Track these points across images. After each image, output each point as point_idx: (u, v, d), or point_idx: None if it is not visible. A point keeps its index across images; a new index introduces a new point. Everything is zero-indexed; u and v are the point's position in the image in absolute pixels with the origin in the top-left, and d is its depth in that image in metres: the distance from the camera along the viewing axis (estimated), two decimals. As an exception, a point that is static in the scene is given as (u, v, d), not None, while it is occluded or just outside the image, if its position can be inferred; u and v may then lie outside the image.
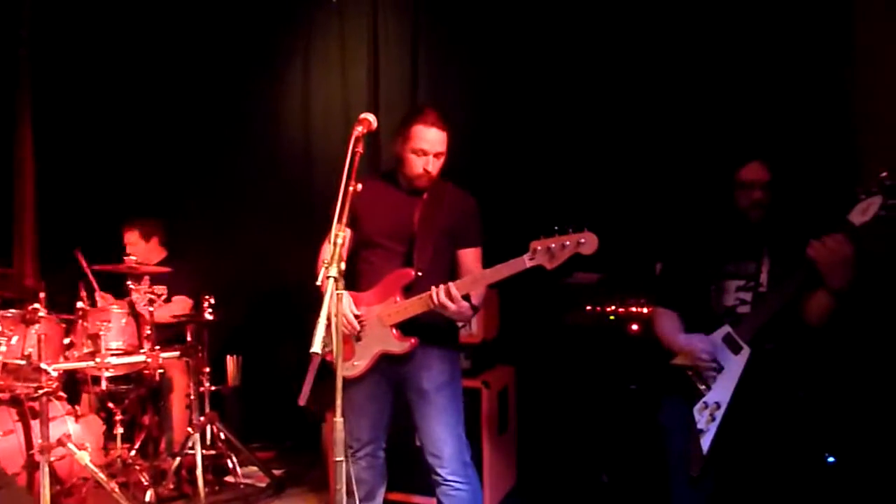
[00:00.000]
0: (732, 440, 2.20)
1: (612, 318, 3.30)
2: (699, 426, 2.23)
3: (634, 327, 3.23)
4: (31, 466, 3.18)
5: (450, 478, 2.43)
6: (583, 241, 2.14)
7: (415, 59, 4.30)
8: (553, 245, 2.16)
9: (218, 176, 4.72)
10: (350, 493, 2.45)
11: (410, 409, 2.47)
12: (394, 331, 2.38)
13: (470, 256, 2.52)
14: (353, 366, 2.43)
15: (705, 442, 2.21)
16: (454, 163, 2.53)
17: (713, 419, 2.21)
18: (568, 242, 2.15)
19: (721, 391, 2.23)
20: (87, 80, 4.78)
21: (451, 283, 2.27)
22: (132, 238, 4.10)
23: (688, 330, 2.39)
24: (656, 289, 2.61)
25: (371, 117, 2.22)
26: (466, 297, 2.31)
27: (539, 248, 2.17)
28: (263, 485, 3.79)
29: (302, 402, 2.19)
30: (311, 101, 4.62)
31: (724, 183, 2.38)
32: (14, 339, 3.39)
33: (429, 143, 2.41)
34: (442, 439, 2.42)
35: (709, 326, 2.31)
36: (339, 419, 1.96)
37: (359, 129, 2.17)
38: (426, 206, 2.47)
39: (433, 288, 2.27)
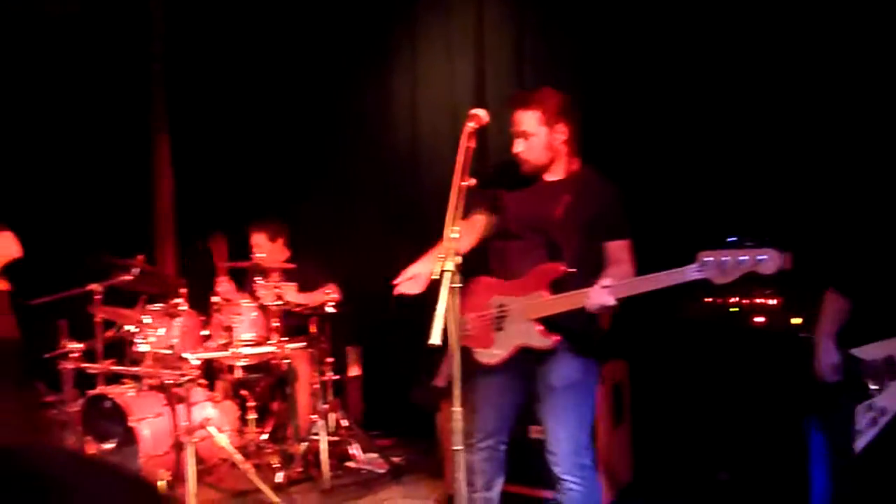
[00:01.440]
0: (888, 450, 2.07)
1: (734, 309, 3.16)
2: (858, 426, 2.10)
3: (759, 319, 3.08)
4: (178, 447, 3.48)
5: (563, 476, 2.38)
6: (762, 257, 1.91)
7: (520, 51, 4.28)
8: (727, 259, 1.95)
9: (333, 176, 4.90)
10: (469, 483, 2.52)
11: (538, 403, 2.44)
12: (538, 326, 2.31)
13: (619, 249, 2.38)
14: (492, 354, 2.40)
15: (859, 443, 2.07)
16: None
17: (875, 423, 2.07)
18: (745, 258, 1.92)
19: (892, 398, 2.09)
20: (215, 92, 5.12)
21: (608, 286, 2.14)
22: (259, 240, 4.31)
23: (859, 324, 2.24)
24: (836, 271, 2.44)
25: (482, 112, 2.24)
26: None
27: (709, 260, 1.97)
28: (382, 471, 3.94)
29: (441, 382, 2.24)
30: (418, 99, 4.70)
31: None
32: (160, 331, 3.72)
33: (515, 125, 2.39)
34: (559, 438, 2.38)
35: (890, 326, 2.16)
36: (457, 409, 2.02)
37: (470, 125, 2.19)
38: (571, 197, 2.37)
39: (593, 288, 2.15)
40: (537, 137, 2.39)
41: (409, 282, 2.43)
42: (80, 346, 3.78)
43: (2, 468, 0.43)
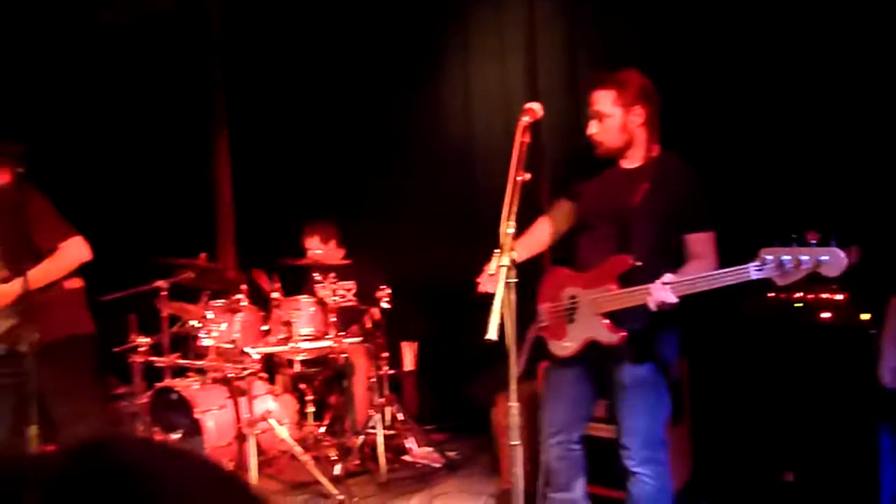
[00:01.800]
0: None
1: (798, 305, 3.06)
2: None
3: (825, 315, 2.98)
4: (241, 438, 3.59)
5: (636, 469, 2.35)
6: (825, 258, 1.80)
7: (573, 45, 4.25)
8: (787, 258, 1.84)
9: (388, 174, 4.95)
10: (545, 482, 2.53)
11: (610, 398, 2.42)
12: (605, 320, 2.27)
13: (700, 242, 2.29)
14: (563, 347, 2.39)
15: None
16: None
17: None
18: (806, 258, 1.82)
19: None
20: (272, 94, 5.24)
21: (669, 283, 2.09)
22: (312, 243, 4.40)
23: None
24: None
25: (536, 106, 2.23)
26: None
27: (769, 259, 1.88)
28: (438, 465, 3.98)
29: (521, 368, 2.26)
30: (471, 95, 4.72)
31: None
32: (223, 326, 3.84)
33: (590, 105, 2.35)
34: (632, 432, 2.35)
35: None
36: (514, 404, 2.03)
37: (525, 120, 2.19)
38: (649, 187, 2.28)
39: (653, 284, 2.10)
40: (612, 119, 2.33)
41: (491, 280, 2.42)
42: (148, 340, 3.94)
43: (93, 461, 0.45)
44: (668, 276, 2.11)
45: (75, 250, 2.91)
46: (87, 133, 5.56)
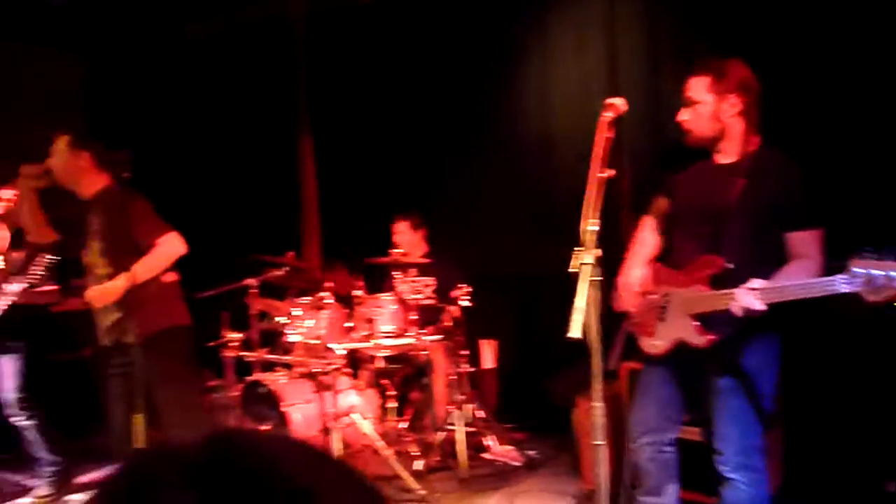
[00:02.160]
0: None
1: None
2: None
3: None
4: (326, 431, 3.71)
5: (729, 475, 2.27)
6: None
7: (655, 38, 4.15)
8: (878, 273, 1.73)
9: (467, 171, 4.97)
10: (633, 484, 2.50)
11: (703, 400, 2.35)
12: (694, 322, 2.22)
13: (803, 241, 2.17)
14: (653, 345, 2.36)
15: None
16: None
17: None
18: None
19: None
20: (354, 93, 5.36)
21: (756, 288, 2.02)
22: (402, 227, 4.45)
23: None
24: None
25: (619, 101, 2.20)
26: None
27: (859, 272, 1.76)
28: (518, 463, 3.97)
29: (614, 365, 2.25)
30: (549, 91, 4.68)
31: None
32: (309, 323, 3.98)
33: (684, 92, 2.28)
34: (726, 436, 2.27)
35: None
36: (598, 404, 2.01)
37: (608, 115, 2.16)
38: (747, 184, 2.19)
39: (739, 289, 2.04)
40: (703, 106, 2.25)
41: (625, 296, 2.41)
42: (239, 335, 4.13)
43: (227, 455, 0.47)
44: (755, 282, 2.02)
45: (172, 245, 3.09)
46: (184, 139, 5.89)
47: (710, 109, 2.24)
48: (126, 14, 5.63)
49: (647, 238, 2.54)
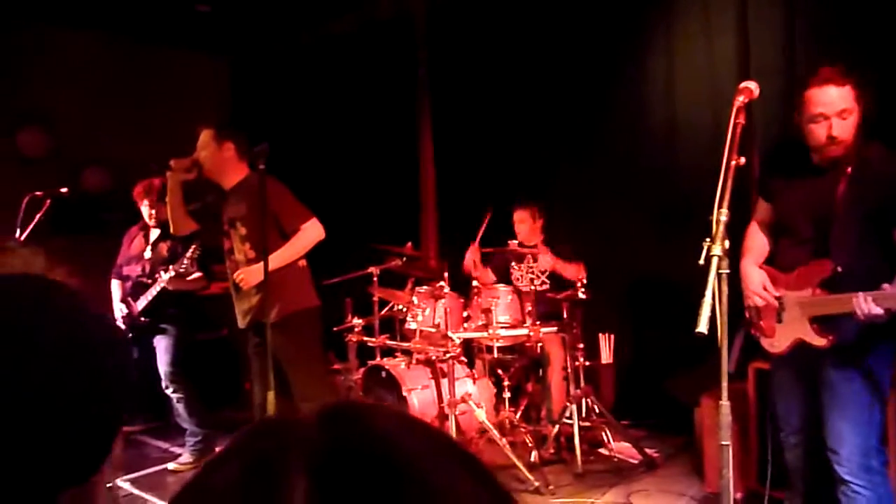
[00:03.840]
0: None
1: None
2: None
3: None
4: (442, 417, 3.80)
5: (847, 478, 2.22)
6: None
7: (791, 20, 3.89)
8: None
9: (588, 162, 4.88)
10: (790, 485, 2.49)
11: (821, 399, 2.31)
12: (812, 324, 2.24)
13: None
14: (773, 345, 2.39)
15: None
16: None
17: None
18: None
19: None
20: (473, 87, 5.41)
21: (871, 295, 2.00)
22: (523, 216, 4.45)
23: None
24: None
25: (752, 85, 2.15)
26: None
27: None
28: (635, 461, 3.88)
29: (732, 368, 2.23)
30: (675, 79, 4.51)
31: None
32: (427, 311, 4.08)
33: (826, 105, 2.17)
34: (841, 435, 2.22)
35: None
36: (725, 402, 1.93)
37: (740, 99, 2.10)
38: (850, 183, 2.18)
39: (856, 297, 2.03)
40: (853, 116, 2.19)
41: (752, 296, 2.42)
42: (361, 321, 4.31)
43: (348, 430, 0.44)
44: (873, 293, 1.99)
45: (314, 230, 3.30)
46: (311, 133, 6.20)
47: (856, 119, 2.20)
48: (264, 18, 6.00)
49: (756, 241, 2.55)
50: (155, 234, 4.17)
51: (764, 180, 2.52)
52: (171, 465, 4.14)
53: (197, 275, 4.00)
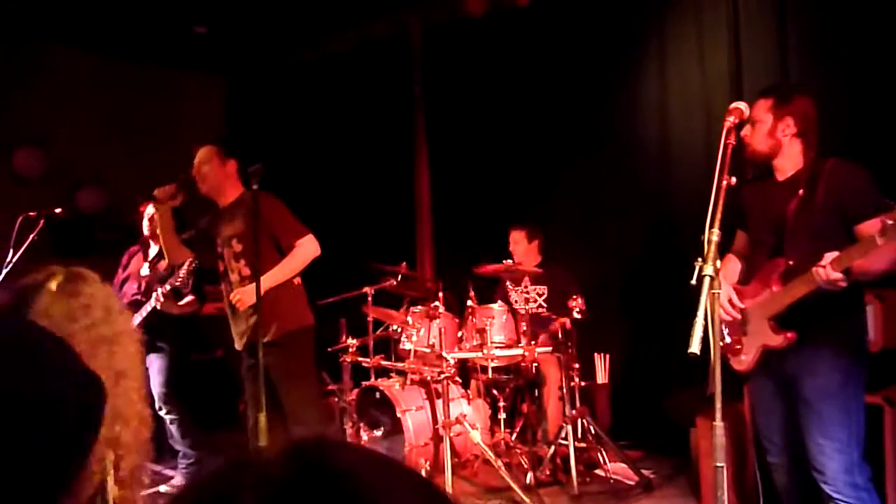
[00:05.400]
0: None
1: None
2: None
3: None
4: (436, 439, 3.76)
5: (835, 496, 2.21)
6: None
7: (783, 42, 3.93)
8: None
9: (581, 180, 4.89)
10: None
11: (798, 415, 2.29)
12: (770, 322, 2.28)
13: (872, 230, 2.14)
14: (740, 361, 2.41)
15: None
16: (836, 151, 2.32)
17: None
18: None
19: None
20: (469, 106, 5.44)
21: (834, 258, 2.06)
22: (518, 237, 4.47)
23: None
24: None
25: (743, 106, 2.24)
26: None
27: (890, 223, 1.87)
28: (632, 482, 3.85)
29: (711, 389, 2.23)
30: (668, 100, 4.55)
31: None
32: (421, 331, 4.06)
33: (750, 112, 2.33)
34: (825, 453, 2.20)
35: None
36: (719, 423, 1.92)
37: (730, 120, 2.17)
38: (802, 193, 2.29)
39: (814, 267, 2.09)
40: (762, 124, 2.35)
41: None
42: (356, 342, 4.28)
43: (308, 468, 0.45)
44: (826, 258, 2.06)
45: (309, 247, 3.29)
46: (305, 151, 6.21)
47: (767, 128, 2.35)
48: (259, 39, 6.05)
49: (729, 266, 2.60)
50: (154, 251, 4.16)
51: (737, 207, 2.54)
52: (162, 488, 4.08)
53: (189, 298, 3.99)
